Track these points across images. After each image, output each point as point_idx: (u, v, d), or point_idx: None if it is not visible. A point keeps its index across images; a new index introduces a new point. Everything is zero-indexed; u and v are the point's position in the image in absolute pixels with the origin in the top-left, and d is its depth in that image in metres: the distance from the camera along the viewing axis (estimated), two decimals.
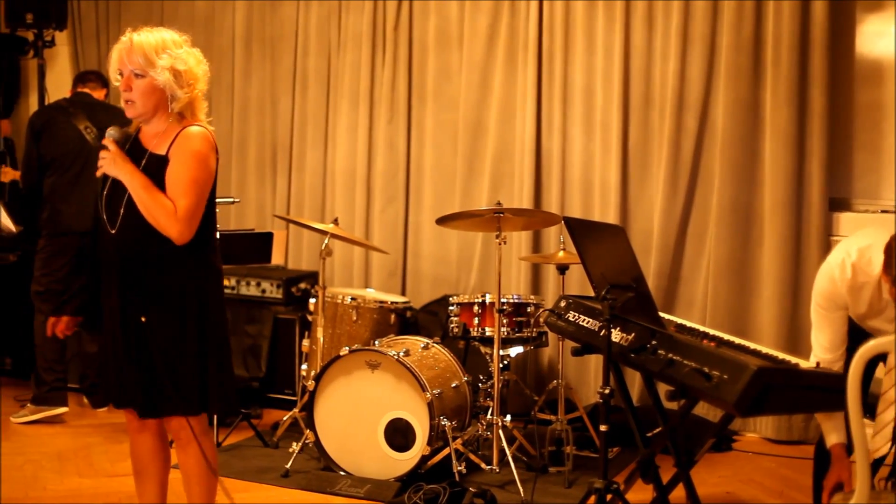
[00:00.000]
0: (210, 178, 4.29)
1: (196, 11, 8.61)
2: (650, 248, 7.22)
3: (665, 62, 7.20)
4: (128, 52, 4.22)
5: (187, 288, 4.26)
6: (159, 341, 4.23)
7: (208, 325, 4.30)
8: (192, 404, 4.30)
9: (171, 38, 4.30)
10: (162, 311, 4.24)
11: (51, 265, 7.26)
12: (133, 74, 4.21)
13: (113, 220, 4.26)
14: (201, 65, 4.35)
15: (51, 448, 6.72)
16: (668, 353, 4.31)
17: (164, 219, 4.15)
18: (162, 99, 4.24)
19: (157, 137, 4.29)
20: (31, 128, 7.32)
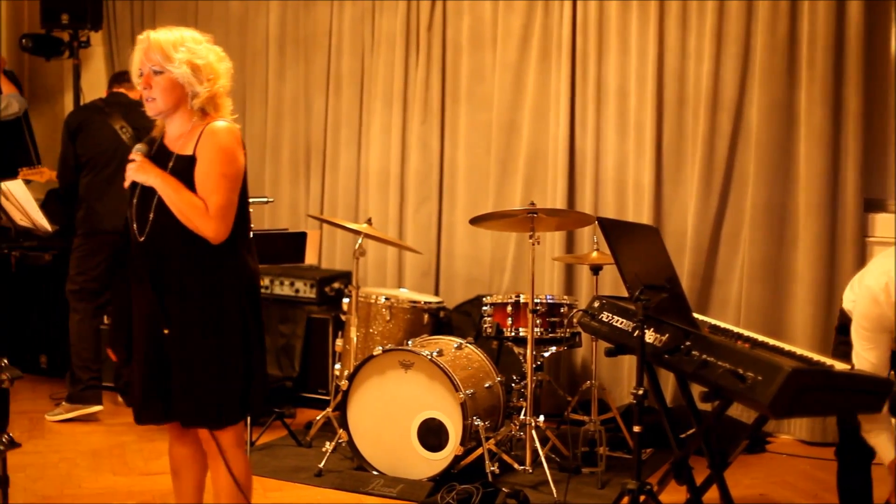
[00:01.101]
0: (239, 174, 4.24)
1: (230, 12, 8.63)
2: (684, 249, 7.20)
3: (699, 62, 7.18)
4: (146, 49, 4.20)
5: (217, 297, 4.20)
6: (183, 353, 4.20)
7: (242, 333, 4.24)
8: (213, 418, 4.25)
9: (191, 35, 4.27)
10: (189, 322, 4.19)
11: (86, 264, 7.30)
12: (152, 72, 4.19)
13: (142, 227, 4.22)
14: (222, 61, 4.29)
15: (85, 446, 6.75)
16: (701, 354, 4.30)
17: (197, 218, 4.12)
18: (182, 96, 4.20)
19: (182, 138, 4.25)
20: (67, 128, 7.37)
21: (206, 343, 4.19)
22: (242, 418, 4.34)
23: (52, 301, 8.12)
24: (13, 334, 8.27)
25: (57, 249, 8.18)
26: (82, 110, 7.53)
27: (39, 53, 8.82)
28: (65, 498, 5.85)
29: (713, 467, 4.74)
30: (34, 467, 6.27)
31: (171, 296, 4.19)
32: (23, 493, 5.84)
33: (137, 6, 9.08)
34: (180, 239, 4.16)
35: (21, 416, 7.24)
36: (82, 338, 7.33)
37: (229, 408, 4.25)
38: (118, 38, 9.17)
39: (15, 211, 6.91)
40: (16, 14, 9.37)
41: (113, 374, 7.68)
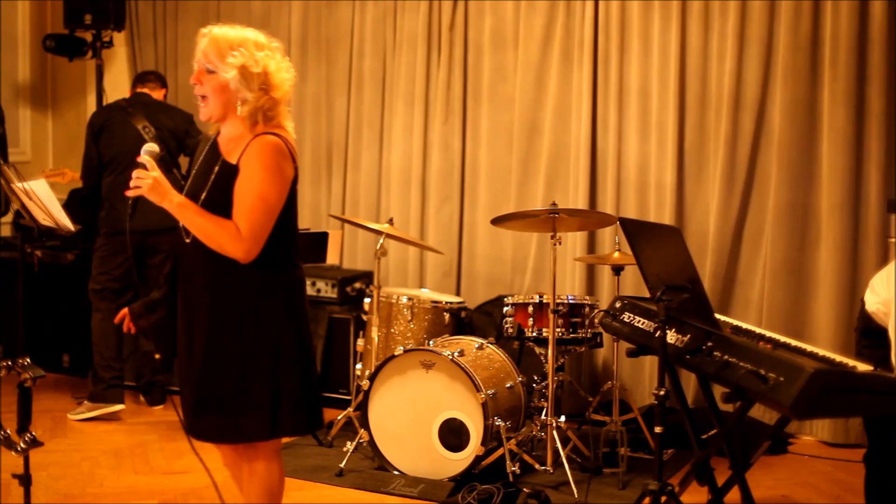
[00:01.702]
0: (283, 191, 4.08)
1: (252, 12, 8.65)
2: (706, 250, 7.19)
3: (721, 62, 7.16)
4: (205, 45, 4.13)
5: (250, 308, 4.12)
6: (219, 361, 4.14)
7: (274, 346, 4.14)
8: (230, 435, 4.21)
9: (255, 38, 4.16)
10: (226, 328, 4.13)
11: (108, 264, 7.33)
12: (205, 69, 4.11)
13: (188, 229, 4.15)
14: (283, 72, 4.14)
15: (107, 445, 6.77)
16: (723, 355, 4.29)
17: (227, 242, 4.02)
18: (232, 100, 4.08)
19: (233, 142, 4.14)
20: (90, 127, 7.40)
21: (234, 356, 4.12)
22: (271, 437, 4.23)
23: (75, 300, 8.14)
24: (36, 333, 8.30)
25: (79, 249, 8.20)
26: (105, 110, 7.56)
27: (62, 54, 8.84)
28: (87, 497, 5.87)
29: (735, 468, 4.73)
30: (56, 466, 6.30)
31: (205, 303, 4.14)
32: (45, 491, 5.87)
33: (160, 6, 9.10)
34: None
35: (43, 414, 7.27)
36: (104, 337, 7.36)
37: (252, 424, 4.16)
38: (141, 38, 9.19)
39: (38, 210, 6.93)
40: (39, 14, 9.40)
41: (135, 373, 7.70)
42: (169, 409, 7.60)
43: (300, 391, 4.20)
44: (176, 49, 8.98)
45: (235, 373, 4.12)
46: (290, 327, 4.18)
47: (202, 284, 4.16)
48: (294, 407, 4.18)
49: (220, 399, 4.14)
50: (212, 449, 4.49)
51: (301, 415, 4.22)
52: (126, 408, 7.40)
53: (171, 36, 9.06)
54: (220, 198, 4.08)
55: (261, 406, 4.13)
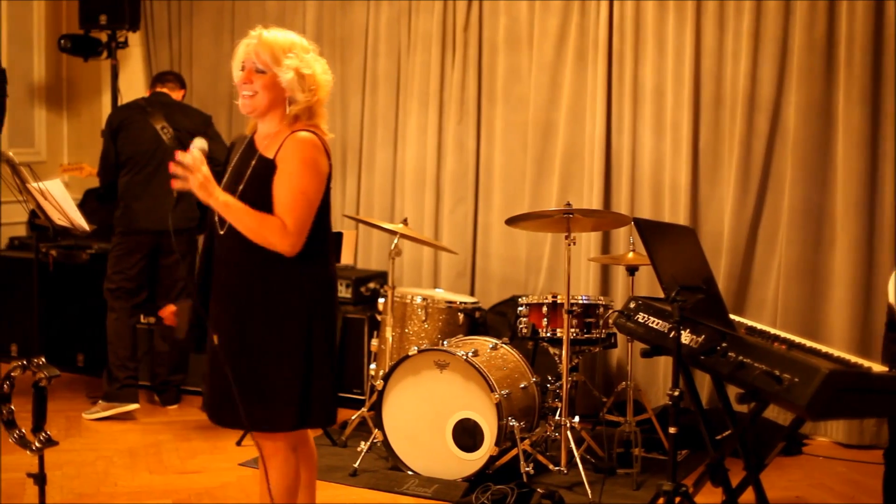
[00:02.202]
0: (321, 185, 4.21)
1: (266, 12, 8.65)
2: (720, 250, 7.17)
3: (736, 63, 7.15)
4: (256, 46, 4.19)
5: (281, 300, 4.20)
6: (249, 351, 4.22)
7: (312, 338, 4.23)
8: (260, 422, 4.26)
9: (301, 42, 4.27)
10: (261, 320, 4.21)
11: (123, 263, 7.35)
12: (255, 69, 4.18)
13: (223, 221, 4.23)
14: (326, 73, 4.31)
15: (122, 445, 6.78)
16: (738, 356, 4.29)
17: (273, 237, 4.11)
18: (279, 99, 4.20)
19: (269, 139, 4.24)
20: (108, 126, 7.42)
21: (262, 346, 4.20)
22: (296, 427, 4.30)
23: (89, 300, 8.16)
24: (51, 333, 8.31)
25: (94, 249, 8.22)
26: (124, 109, 7.57)
27: (78, 54, 8.85)
28: (101, 496, 5.88)
29: (749, 469, 4.72)
30: (71, 465, 6.31)
31: (239, 294, 4.24)
32: (60, 490, 5.88)
33: (175, 7, 9.11)
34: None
35: (58, 414, 7.28)
36: (119, 336, 7.37)
37: (277, 414, 4.24)
38: (156, 38, 9.20)
39: (53, 210, 6.94)
40: (54, 15, 9.42)
41: (149, 373, 7.72)
42: (183, 408, 7.61)
43: (327, 384, 4.31)
44: (191, 49, 8.99)
45: (268, 362, 4.21)
46: (323, 320, 4.28)
47: (238, 275, 4.24)
48: (320, 399, 4.28)
49: (252, 388, 4.21)
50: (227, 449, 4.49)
51: (326, 408, 4.34)
52: (140, 407, 7.41)
53: (186, 36, 9.07)
54: (255, 191, 4.18)
55: (290, 396, 4.22)
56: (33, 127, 9.34)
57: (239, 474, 6.19)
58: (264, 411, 4.23)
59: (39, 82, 9.35)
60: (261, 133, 4.31)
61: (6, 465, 6.22)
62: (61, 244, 8.27)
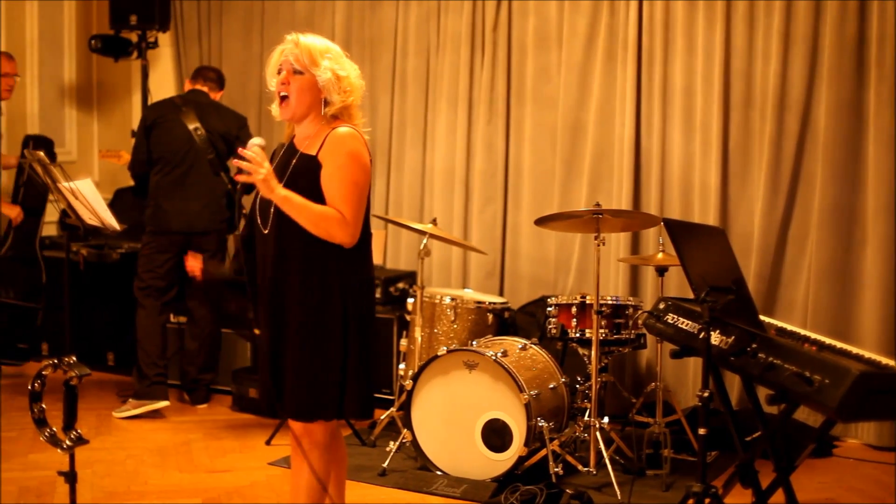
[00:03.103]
0: (368, 177, 4.33)
1: (296, 12, 8.67)
2: (750, 251, 7.15)
3: (766, 62, 7.12)
4: (292, 49, 4.28)
5: (335, 290, 4.28)
6: (295, 343, 4.29)
7: (352, 329, 4.31)
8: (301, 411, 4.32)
9: (335, 47, 4.38)
10: (306, 313, 4.28)
11: (153, 262, 7.38)
12: (293, 70, 4.26)
13: (265, 219, 4.30)
14: (359, 78, 4.42)
15: (152, 443, 6.81)
16: (768, 357, 4.28)
17: (335, 228, 4.21)
18: (316, 100, 4.29)
19: (309, 139, 4.32)
20: (143, 121, 7.47)
21: (309, 338, 4.27)
22: (335, 417, 4.38)
23: (120, 299, 8.20)
24: (81, 332, 8.35)
25: (125, 248, 8.26)
26: (159, 107, 7.56)
27: (108, 54, 8.89)
28: (131, 495, 5.90)
29: (779, 471, 4.71)
30: (101, 464, 6.34)
31: (283, 289, 4.30)
32: (90, 489, 5.90)
33: (205, 7, 9.14)
34: (301, 234, 4.24)
35: (89, 412, 7.32)
36: (149, 333, 7.40)
37: (322, 403, 4.30)
38: (186, 38, 9.24)
39: (84, 210, 6.97)
40: (85, 15, 9.46)
41: (179, 371, 7.74)
42: (213, 407, 7.64)
43: (365, 376, 4.37)
44: (220, 49, 9.02)
45: (311, 354, 4.28)
46: (365, 313, 4.38)
47: (282, 272, 4.31)
48: (358, 390, 4.35)
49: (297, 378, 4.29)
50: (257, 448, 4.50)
51: (363, 400, 4.40)
52: (170, 406, 7.43)
53: (216, 36, 9.10)
54: (297, 188, 4.24)
55: (330, 388, 4.29)
56: (64, 127, 9.39)
57: (268, 473, 6.20)
58: (309, 400, 4.30)
59: (70, 83, 9.40)
60: (300, 136, 4.39)
61: (37, 464, 6.27)
62: (92, 243, 8.31)
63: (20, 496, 5.80)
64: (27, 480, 6.03)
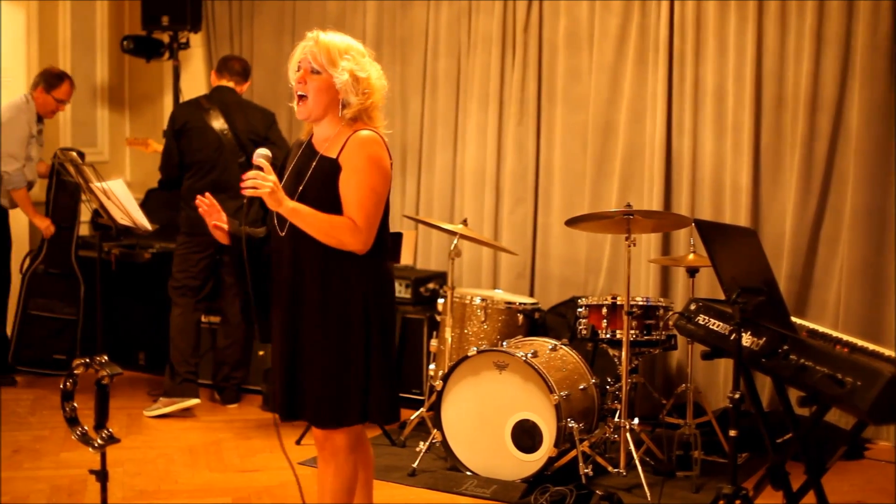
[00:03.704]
0: (387, 182, 4.27)
1: (327, 12, 8.68)
2: (782, 252, 7.12)
3: (798, 63, 7.09)
4: (312, 48, 4.22)
5: (343, 299, 4.23)
6: (306, 351, 4.25)
7: (372, 333, 4.26)
8: (326, 417, 4.27)
9: (357, 46, 4.29)
10: (314, 321, 4.23)
11: (187, 262, 7.42)
12: (311, 70, 4.21)
13: (282, 222, 4.26)
14: (381, 79, 4.32)
15: (182, 442, 6.83)
16: (799, 359, 4.26)
17: (347, 236, 4.16)
18: (334, 101, 4.23)
19: (328, 141, 4.27)
20: (172, 124, 7.47)
21: (328, 343, 4.22)
22: (359, 422, 4.32)
23: (151, 299, 8.24)
24: (113, 331, 8.38)
25: (156, 248, 8.28)
26: (185, 108, 7.56)
27: (140, 55, 8.93)
28: (161, 494, 5.92)
29: (810, 473, 4.69)
30: (132, 462, 6.36)
31: (301, 293, 4.25)
32: (121, 487, 5.93)
33: (236, 7, 9.17)
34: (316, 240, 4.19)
35: (120, 411, 7.35)
36: (182, 331, 7.43)
37: (343, 410, 4.25)
38: (217, 39, 9.26)
39: (116, 210, 7.01)
40: (117, 16, 9.50)
41: (210, 371, 7.76)
42: (243, 407, 7.66)
43: (388, 380, 4.32)
44: (252, 50, 9.04)
45: (332, 358, 4.23)
46: (382, 315, 4.31)
47: (299, 275, 4.25)
48: (382, 395, 4.29)
49: (317, 384, 4.24)
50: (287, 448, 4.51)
51: (388, 404, 4.34)
52: (201, 405, 7.46)
53: (248, 37, 9.12)
54: (317, 191, 4.22)
55: (354, 391, 4.24)
56: (96, 127, 9.44)
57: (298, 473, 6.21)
58: (330, 407, 4.25)
59: (102, 83, 9.44)
60: (319, 136, 4.34)
61: (69, 462, 6.30)
62: (124, 243, 8.34)
63: (52, 494, 5.84)
64: (59, 479, 6.07)
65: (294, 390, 4.30)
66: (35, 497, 5.80)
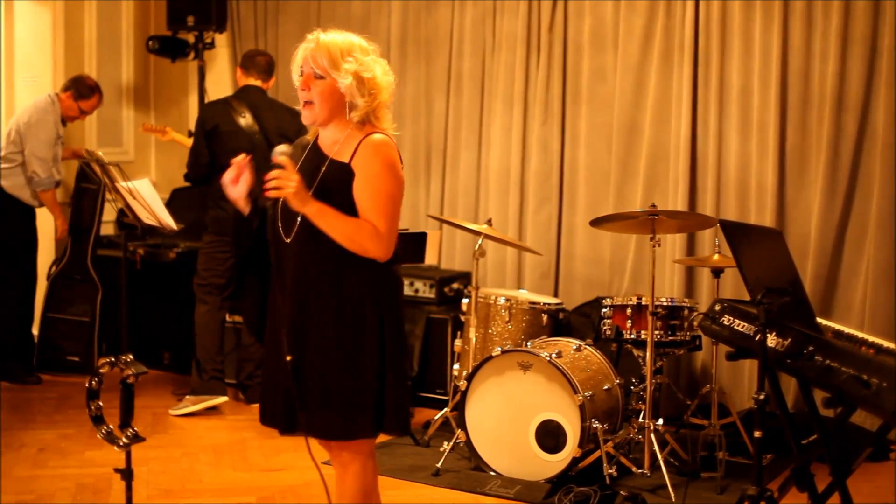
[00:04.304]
0: (402, 187, 4.14)
1: (352, 13, 8.70)
2: (807, 252, 7.10)
3: (824, 63, 7.06)
4: (313, 51, 4.09)
5: (354, 306, 4.07)
6: (325, 360, 4.08)
7: (387, 341, 4.11)
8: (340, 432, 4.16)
9: (360, 43, 4.12)
10: (336, 328, 4.07)
11: (213, 261, 7.41)
12: (314, 75, 4.08)
13: (289, 228, 4.11)
14: (387, 75, 4.14)
15: (207, 441, 6.85)
16: (825, 360, 4.24)
17: (369, 242, 4.01)
18: (340, 104, 4.08)
19: (337, 144, 4.12)
20: (201, 125, 7.39)
21: (341, 354, 4.06)
22: (374, 434, 4.18)
23: (176, 298, 8.25)
24: (138, 331, 8.41)
25: (181, 247, 8.31)
26: (214, 108, 7.52)
27: (165, 55, 8.96)
28: (186, 492, 5.94)
29: (835, 475, 4.67)
30: (157, 461, 6.38)
31: (309, 303, 4.10)
32: (146, 486, 5.95)
33: (261, 8, 9.19)
34: (327, 244, 4.04)
35: (144, 410, 7.36)
36: (207, 329, 7.44)
37: (358, 423, 4.13)
38: (242, 39, 9.28)
39: (141, 209, 7.03)
40: (142, 16, 9.53)
41: (234, 369, 7.77)
42: None
43: (404, 388, 4.20)
44: (277, 49, 9.04)
45: (345, 369, 4.08)
46: (395, 325, 4.17)
47: (308, 283, 4.10)
48: (396, 405, 4.17)
49: (328, 396, 4.09)
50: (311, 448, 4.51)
51: (401, 413, 4.21)
52: (225, 404, 7.47)
53: (272, 37, 9.14)
54: (327, 197, 4.04)
55: (367, 403, 4.10)
56: (121, 127, 9.46)
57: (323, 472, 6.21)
58: (340, 419, 4.12)
59: (128, 83, 9.46)
60: (326, 138, 4.20)
61: (94, 461, 6.32)
62: (149, 243, 8.36)
63: (77, 493, 5.86)
64: (84, 477, 6.09)
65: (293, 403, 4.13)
66: (60, 495, 5.82)
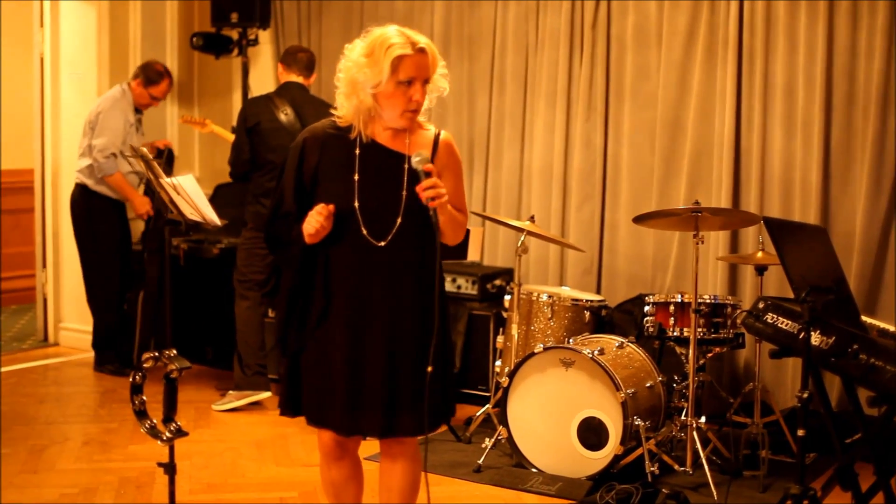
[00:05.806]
0: None
1: (395, 11, 8.70)
2: (852, 250, 7.05)
3: (870, 60, 7.01)
4: (427, 59, 4.11)
5: (442, 296, 4.19)
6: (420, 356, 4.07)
7: (447, 330, 4.27)
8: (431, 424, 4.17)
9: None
10: (424, 323, 4.09)
11: (253, 257, 7.43)
12: (425, 81, 4.11)
13: (385, 231, 4.08)
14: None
15: (250, 436, 6.88)
16: (869, 358, 4.22)
17: (462, 233, 4.24)
18: None
19: (399, 140, 4.15)
20: (243, 121, 7.42)
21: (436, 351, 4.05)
22: (430, 430, 4.19)
23: (219, 294, 8.28)
24: (181, 326, 8.46)
25: (224, 243, 8.34)
26: (257, 105, 7.52)
27: (209, 51, 9.00)
28: (229, 487, 5.97)
29: (879, 474, 4.65)
30: (200, 456, 6.42)
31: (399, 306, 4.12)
32: (189, 480, 5.98)
33: (304, 5, 9.21)
34: (417, 246, 4.08)
35: (187, 405, 7.41)
36: (249, 324, 7.47)
37: (444, 412, 4.26)
38: (285, 36, 9.30)
39: (185, 205, 7.05)
40: (187, 13, 9.58)
41: (276, 367, 7.78)
42: None
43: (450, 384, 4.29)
44: (319, 47, 9.06)
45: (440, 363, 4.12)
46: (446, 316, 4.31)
47: (403, 286, 4.12)
48: (444, 400, 4.24)
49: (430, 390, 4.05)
50: None
51: (447, 407, 4.30)
52: (268, 399, 7.50)
53: (316, 34, 9.16)
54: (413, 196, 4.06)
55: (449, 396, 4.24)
56: (166, 123, 9.51)
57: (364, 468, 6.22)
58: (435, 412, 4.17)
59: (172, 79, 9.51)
60: (387, 136, 4.18)
61: (137, 455, 6.36)
62: (192, 238, 8.39)
63: (120, 487, 5.90)
64: (127, 471, 6.13)
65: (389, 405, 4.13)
66: (103, 489, 5.86)
